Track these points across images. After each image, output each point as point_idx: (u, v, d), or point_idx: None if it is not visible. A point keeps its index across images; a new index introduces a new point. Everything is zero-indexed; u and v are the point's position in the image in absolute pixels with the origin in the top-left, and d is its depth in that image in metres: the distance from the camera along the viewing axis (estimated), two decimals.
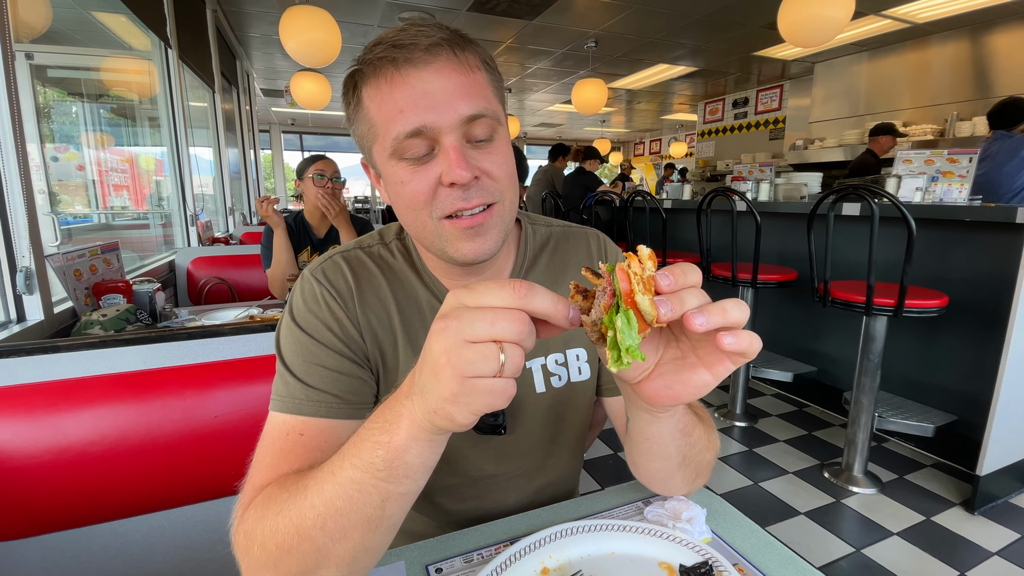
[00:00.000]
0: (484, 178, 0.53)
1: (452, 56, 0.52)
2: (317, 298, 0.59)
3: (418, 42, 0.51)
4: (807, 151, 5.85)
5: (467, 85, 0.52)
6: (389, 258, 0.65)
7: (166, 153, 2.95)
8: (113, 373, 0.85)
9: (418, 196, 0.53)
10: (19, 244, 1.22)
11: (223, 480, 0.87)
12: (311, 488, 0.43)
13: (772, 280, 2.46)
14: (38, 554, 0.81)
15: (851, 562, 1.63)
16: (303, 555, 0.43)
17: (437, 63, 0.51)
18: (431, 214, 0.53)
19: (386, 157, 0.54)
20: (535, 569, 0.53)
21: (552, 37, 5.15)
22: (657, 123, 10.91)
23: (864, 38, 5.10)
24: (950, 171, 2.42)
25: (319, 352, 0.57)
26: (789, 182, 3.18)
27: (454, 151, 0.51)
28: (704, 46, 5.48)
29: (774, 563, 0.55)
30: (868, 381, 1.99)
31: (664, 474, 0.59)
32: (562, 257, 0.70)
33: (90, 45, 2.61)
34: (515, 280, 0.35)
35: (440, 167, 0.52)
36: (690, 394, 0.41)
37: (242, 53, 5.46)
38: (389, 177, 0.55)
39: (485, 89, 0.54)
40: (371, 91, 0.53)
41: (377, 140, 0.54)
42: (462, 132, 0.52)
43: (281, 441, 0.53)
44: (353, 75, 0.55)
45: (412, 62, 0.51)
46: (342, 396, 0.56)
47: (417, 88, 0.50)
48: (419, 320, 0.63)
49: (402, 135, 0.51)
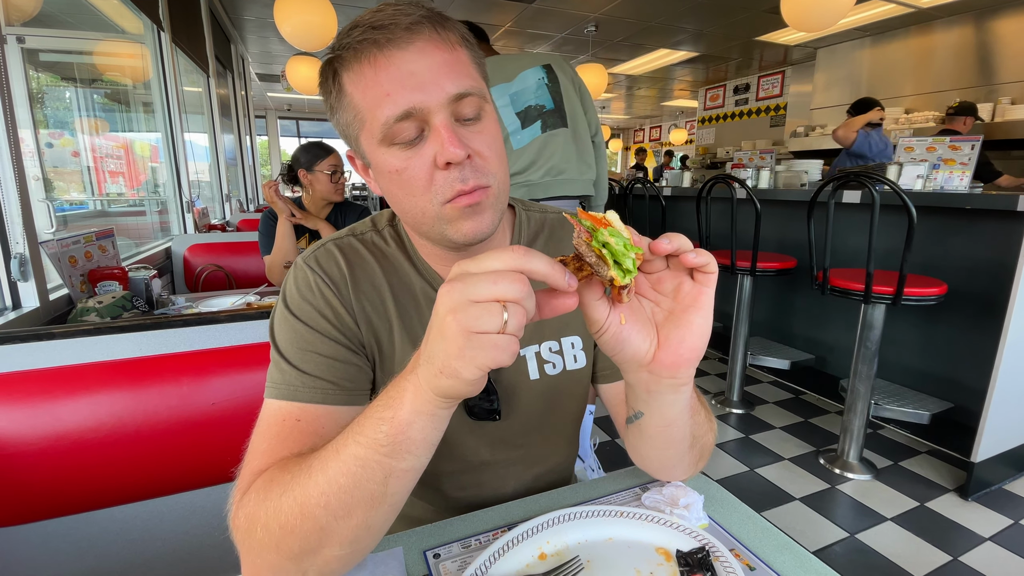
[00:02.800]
0: (476, 158, 0.52)
1: (434, 33, 0.51)
2: (311, 285, 0.58)
3: (398, 21, 0.49)
4: (808, 138, 5.80)
5: (451, 62, 0.51)
6: (383, 245, 0.64)
7: (161, 139, 2.92)
8: (109, 360, 0.85)
9: (417, 182, 0.52)
10: (13, 230, 1.21)
11: (221, 466, 0.87)
12: (315, 467, 0.44)
13: (771, 268, 2.45)
14: (38, 539, 0.81)
15: (845, 546, 1.65)
16: (306, 534, 0.43)
17: (419, 41, 0.50)
18: (432, 200, 0.53)
19: (375, 144, 0.52)
20: (533, 555, 0.53)
21: (552, 21, 5.08)
22: (657, 109, 10.82)
23: (868, 23, 5.04)
24: (952, 158, 2.41)
25: (313, 339, 0.56)
26: (790, 169, 3.16)
27: (445, 130, 0.50)
28: (705, 31, 5.42)
29: (770, 548, 0.55)
30: (865, 369, 2.00)
31: (675, 459, 0.59)
32: (557, 244, 0.70)
33: (82, 28, 2.56)
34: (514, 246, 0.37)
35: (433, 148, 0.51)
36: (700, 336, 0.44)
37: (236, 37, 5.38)
38: (381, 165, 0.54)
39: (468, 66, 0.53)
40: (354, 76, 0.51)
41: (364, 127, 0.53)
42: (451, 111, 0.51)
43: (278, 427, 0.53)
44: (332, 62, 0.53)
45: (395, 42, 0.49)
46: (338, 383, 0.56)
47: (402, 68, 0.49)
48: (414, 308, 0.62)
49: (392, 119, 0.49)
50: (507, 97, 1.73)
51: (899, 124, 4.95)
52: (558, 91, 1.77)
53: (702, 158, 8.12)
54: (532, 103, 1.74)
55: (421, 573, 0.52)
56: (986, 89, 4.54)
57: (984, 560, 1.58)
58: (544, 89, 1.74)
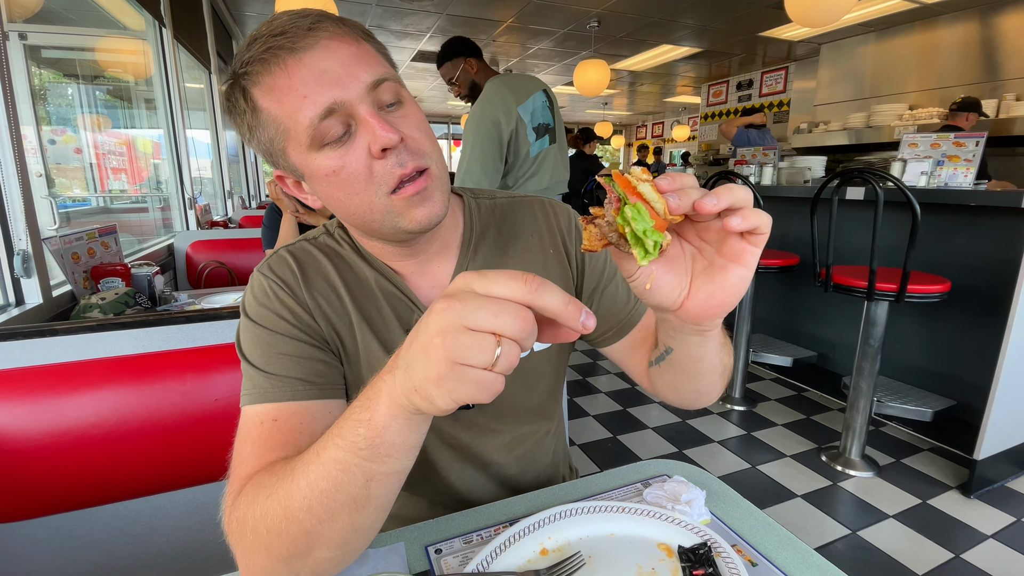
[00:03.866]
0: (408, 140, 0.52)
1: (337, 29, 0.51)
2: (266, 291, 0.59)
3: (298, 24, 0.49)
4: (812, 134, 5.77)
5: (360, 54, 0.51)
6: (335, 246, 0.64)
7: (163, 135, 2.92)
8: (113, 356, 0.85)
9: (357, 178, 0.51)
10: (15, 227, 1.21)
11: (224, 462, 0.87)
12: (297, 470, 0.43)
13: (774, 265, 2.45)
14: (43, 535, 0.81)
15: (847, 543, 1.65)
16: (292, 537, 0.43)
17: (324, 39, 0.50)
18: (376, 192, 0.52)
19: (305, 151, 0.51)
20: (534, 550, 0.53)
21: (554, 16, 5.06)
22: (660, 106, 10.78)
23: (872, 18, 5.00)
24: (956, 155, 2.39)
25: (276, 341, 0.56)
26: (793, 166, 3.15)
27: (373, 118, 0.50)
28: (709, 26, 5.39)
29: (772, 544, 0.55)
30: (868, 366, 2.00)
31: (708, 387, 0.60)
32: (510, 227, 0.69)
33: (84, 24, 2.56)
34: (529, 274, 0.33)
35: (364, 139, 0.50)
36: (733, 293, 0.41)
37: (238, 33, 5.37)
38: (316, 171, 0.52)
39: (376, 55, 0.53)
40: (266, 89, 0.50)
41: (289, 137, 0.51)
42: (372, 100, 0.51)
43: (257, 430, 0.53)
44: (237, 81, 0.52)
45: (300, 46, 0.49)
46: (307, 379, 0.56)
47: (314, 68, 0.49)
48: (371, 301, 0.62)
49: (316, 120, 0.49)
50: (528, 115, 2.04)
51: (903, 120, 4.91)
52: (555, 111, 2.18)
53: (705, 155, 8.09)
54: (541, 121, 2.10)
55: (423, 568, 0.52)
56: (991, 85, 4.51)
57: (986, 558, 1.58)
58: (547, 109, 2.12)
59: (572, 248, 0.70)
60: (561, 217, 0.71)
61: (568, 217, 0.72)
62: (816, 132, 5.74)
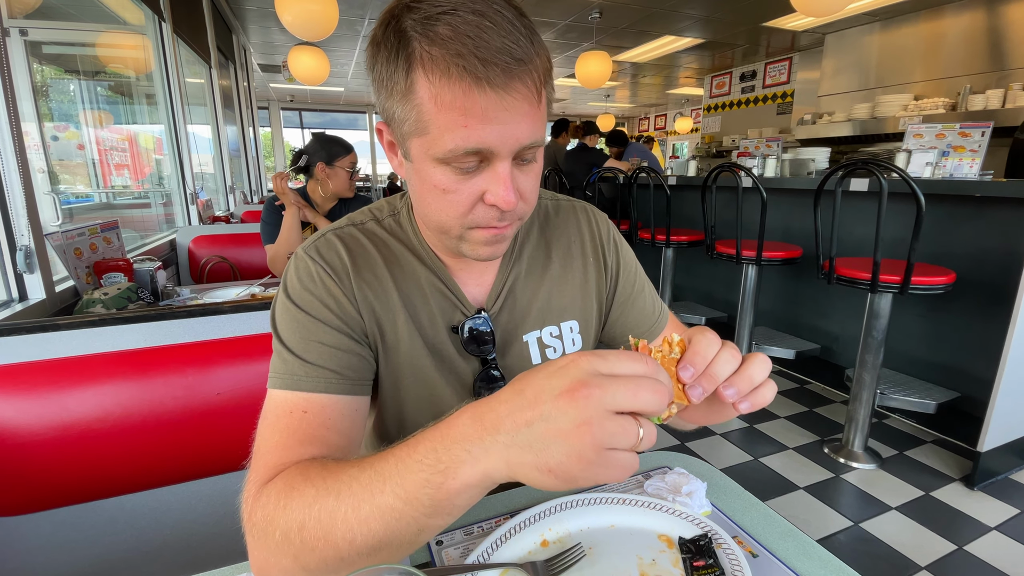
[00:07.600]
0: (519, 205, 0.53)
1: (532, 83, 0.48)
2: (312, 275, 0.58)
3: (507, 52, 0.45)
4: (815, 126, 5.73)
5: (534, 116, 0.49)
6: (384, 235, 0.64)
7: (164, 131, 2.92)
8: (115, 351, 0.86)
9: (458, 206, 0.52)
10: (17, 223, 1.22)
11: (227, 456, 0.88)
12: (344, 496, 0.41)
13: (777, 257, 2.44)
14: (47, 528, 0.82)
15: (849, 535, 1.66)
16: (326, 559, 0.42)
17: (515, 90, 0.47)
18: (462, 221, 0.53)
19: (428, 157, 0.50)
20: (535, 541, 0.53)
21: (555, 7, 5.02)
22: (663, 98, 10.70)
23: (877, 7, 4.94)
24: (961, 145, 2.37)
25: (316, 329, 0.56)
26: (796, 157, 3.13)
27: (505, 176, 0.50)
28: (712, 16, 5.34)
29: (773, 536, 0.55)
30: (871, 358, 1.99)
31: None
32: (553, 230, 0.70)
33: (84, 20, 2.56)
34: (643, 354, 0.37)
35: (485, 184, 0.51)
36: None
37: (238, 27, 5.35)
38: (427, 176, 0.52)
39: (544, 116, 0.52)
40: (433, 87, 0.47)
41: (424, 137, 0.50)
42: (516, 156, 0.51)
43: (286, 419, 0.52)
44: (408, 38, 0.47)
45: (490, 82, 0.46)
46: (341, 372, 0.55)
47: (489, 108, 0.47)
48: (419, 297, 0.62)
49: (460, 150, 0.48)
50: None
51: (908, 111, 4.87)
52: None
53: (708, 146, 8.04)
54: None
55: (424, 560, 0.53)
56: (997, 75, 4.46)
57: (989, 549, 1.58)
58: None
59: (610, 259, 0.72)
60: (602, 226, 0.73)
61: (608, 227, 0.73)
62: (820, 123, 5.69)
